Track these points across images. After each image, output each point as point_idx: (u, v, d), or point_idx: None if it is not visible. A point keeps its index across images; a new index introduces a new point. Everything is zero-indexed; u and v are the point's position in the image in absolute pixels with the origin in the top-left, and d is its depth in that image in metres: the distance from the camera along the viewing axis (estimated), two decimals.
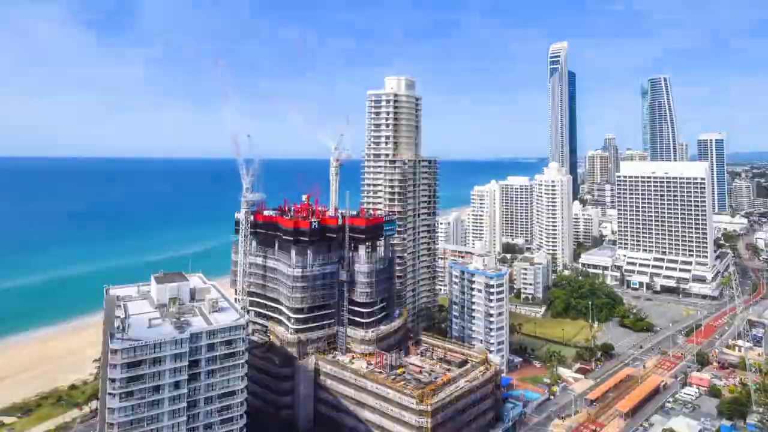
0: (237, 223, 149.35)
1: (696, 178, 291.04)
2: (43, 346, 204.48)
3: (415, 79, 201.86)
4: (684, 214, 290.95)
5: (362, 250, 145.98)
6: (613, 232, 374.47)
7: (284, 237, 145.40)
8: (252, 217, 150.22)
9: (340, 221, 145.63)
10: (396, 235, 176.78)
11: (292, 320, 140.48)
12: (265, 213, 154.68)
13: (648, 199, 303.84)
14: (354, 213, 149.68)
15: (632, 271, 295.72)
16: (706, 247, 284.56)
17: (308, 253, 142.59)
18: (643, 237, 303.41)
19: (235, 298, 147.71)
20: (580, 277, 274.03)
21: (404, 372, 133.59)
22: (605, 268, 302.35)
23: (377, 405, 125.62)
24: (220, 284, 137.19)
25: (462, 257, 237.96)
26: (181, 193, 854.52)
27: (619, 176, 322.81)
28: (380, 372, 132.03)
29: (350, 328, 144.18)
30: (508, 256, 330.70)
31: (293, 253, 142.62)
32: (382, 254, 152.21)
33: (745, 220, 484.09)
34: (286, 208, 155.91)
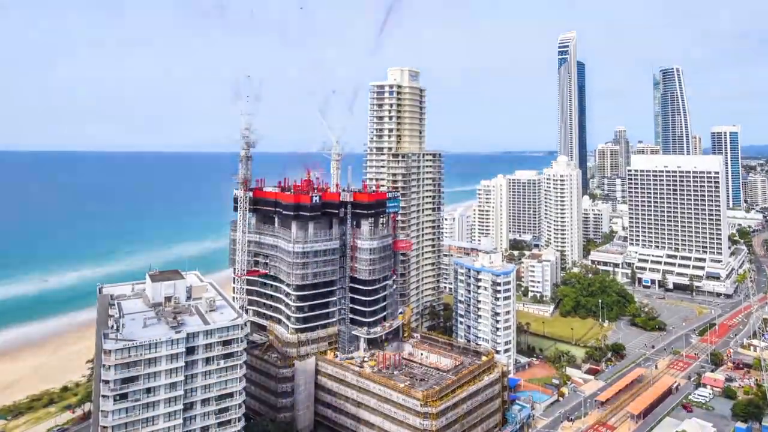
0: (235, 200, 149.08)
1: (710, 172, 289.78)
2: (34, 347, 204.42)
3: (419, 70, 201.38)
4: (697, 209, 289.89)
5: (365, 226, 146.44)
6: (623, 228, 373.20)
7: (284, 213, 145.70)
8: (251, 194, 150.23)
9: (342, 198, 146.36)
10: (401, 232, 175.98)
11: (292, 319, 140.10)
12: (266, 189, 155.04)
13: (660, 193, 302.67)
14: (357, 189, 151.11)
15: (644, 269, 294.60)
16: (720, 244, 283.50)
17: (309, 228, 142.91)
18: (655, 233, 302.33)
19: (234, 288, 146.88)
20: (590, 275, 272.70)
21: (407, 373, 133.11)
22: (616, 265, 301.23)
23: (379, 407, 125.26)
24: (218, 282, 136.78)
25: (468, 254, 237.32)
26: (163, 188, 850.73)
27: (630, 170, 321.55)
28: (383, 373, 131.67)
29: (351, 327, 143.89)
30: (516, 252, 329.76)
31: (294, 228, 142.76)
32: (385, 232, 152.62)
33: (760, 216, 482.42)
34: (286, 186, 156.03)
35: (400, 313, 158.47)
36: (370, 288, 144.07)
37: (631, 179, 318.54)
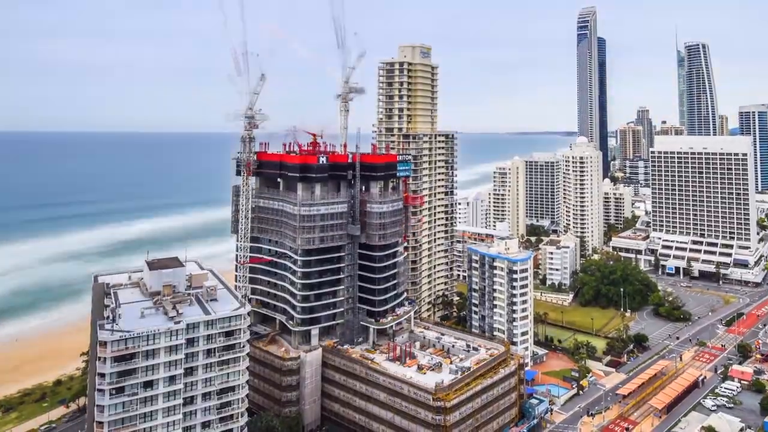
0: (238, 164, 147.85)
1: (737, 154, 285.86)
2: (26, 339, 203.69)
3: (431, 46, 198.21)
4: (724, 193, 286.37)
5: (375, 189, 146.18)
6: (646, 213, 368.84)
7: (290, 175, 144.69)
8: (255, 157, 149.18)
9: (350, 159, 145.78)
10: (413, 217, 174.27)
11: (298, 309, 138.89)
12: (270, 152, 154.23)
13: (685, 176, 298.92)
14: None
15: (668, 255, 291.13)
16: (749, 229, 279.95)
17: (316, 191, 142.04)
18: (679, 218, 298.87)
19: (236, 276, 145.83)
20: (611, 262, 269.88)
21: (418, 365, 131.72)
22: (638, 251, 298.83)
23: (390, 401, 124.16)
24: (219, 270, 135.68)
25: (482, 240, 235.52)
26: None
27: (654, 152, 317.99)
28: (393, 365, 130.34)
29: (361, 317, 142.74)
30: (533, 239, 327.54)
31: (300, 190, 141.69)
32: (396, 196, 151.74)
33: None
34: (291, 149, 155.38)
35: (411, 303, 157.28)
36: (380, 254, 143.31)
37: (654, 161, 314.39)
